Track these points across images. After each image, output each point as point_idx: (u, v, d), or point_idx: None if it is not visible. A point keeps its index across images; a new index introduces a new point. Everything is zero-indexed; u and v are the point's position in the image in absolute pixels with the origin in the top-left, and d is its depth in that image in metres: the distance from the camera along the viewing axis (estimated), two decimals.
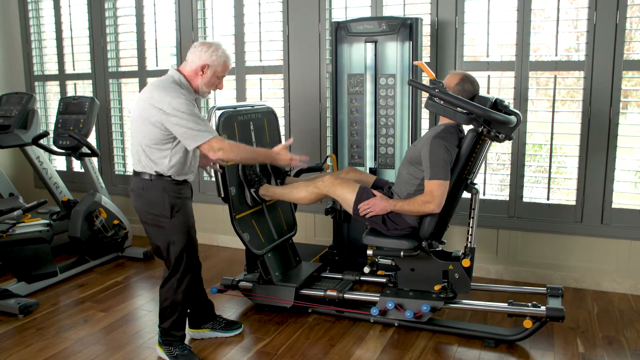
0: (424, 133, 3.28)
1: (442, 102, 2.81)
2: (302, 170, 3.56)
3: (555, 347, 2.85)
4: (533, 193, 3.73)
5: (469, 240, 2.89)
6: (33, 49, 5.23)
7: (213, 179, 3.29)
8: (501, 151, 3.80)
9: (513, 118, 2.76)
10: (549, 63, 3.56)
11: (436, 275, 2.94)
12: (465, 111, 2.77)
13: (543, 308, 2.80)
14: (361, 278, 3.38)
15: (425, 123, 3.75)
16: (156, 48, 4.66)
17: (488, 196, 3.77)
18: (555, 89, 3.56)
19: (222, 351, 2.86)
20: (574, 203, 3.58)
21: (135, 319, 3.27)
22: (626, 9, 3.30)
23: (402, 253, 2.90)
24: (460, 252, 2.97)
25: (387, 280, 3.25)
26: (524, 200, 3.70)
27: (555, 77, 3.55)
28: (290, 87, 4.19)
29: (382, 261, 3.15)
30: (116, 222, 4.21)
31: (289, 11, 4.10)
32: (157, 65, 4.68)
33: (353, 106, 3.69)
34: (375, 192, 2.91)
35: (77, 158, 4.14)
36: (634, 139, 3.52)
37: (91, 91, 4.98)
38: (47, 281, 3.71)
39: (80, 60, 5.05)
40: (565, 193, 3.74)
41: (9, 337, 3.04)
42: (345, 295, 3.15)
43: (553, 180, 3.65)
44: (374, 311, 2.99)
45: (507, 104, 2.85)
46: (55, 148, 4.17)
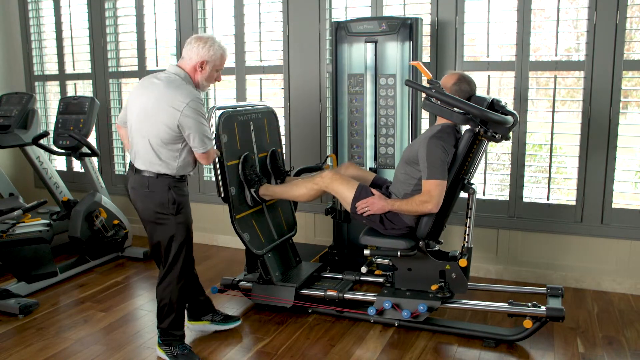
0: (422, 133, 3.28)
1: (439, 102, 2.81)
2: (303, 169, 3.57)
3: (555, 347, 2.85)
4: (533, 193, 3.73)
5: (466, 240, 2.90)
6: (33, 49, 5.23)
7: (213, 179, 3.29)
8: (501, 151, 3.80)
9: (509, 118, 2.76)
10: (549, 63, 3.56)
11: (433, 275, 2.94)
12: (462, 111, 2.76)
13: (543, 308, 2.81)
14: (361, 278, 3.38)
15: (425, 123, 3.74)
16: (156, 48, 4.66)
17: (488, 196, 3.77)
18: (555, 89, 3.56)
19: (222, 351, 2.86)
20: (574, 203, 3.58)
21: (135, 319, 3.27)
22: (626, 9, 3.30)
23: (399, 253, 2.90)
24: (457, 252, 2.97)
25: (385, 280, 3.26)
26: (524, 200, 3.69)
27: (555, 77, 3.55)
28: (290, 87, 4.19)
29: (380, 261, 3.16)
30: (116, 222, 4.21)
31: (289, 11, 4.10)
32: (157, 65, 4.67)
33: (353, 106, 3.69)
34: (373, 191, 2.91)
35: (77, 158, 4.13)
36: (634, 139, 3.52)
37: (91, 91, 4.98)
38: (47, 281, 3.71)
39: (80, 60, 5.05)
40: (565, 193, 3.74)
41: (9, 337, 3.04)
42: (345, 295, 3.15)
43: (553, 180, 3.65)
44: (371, 311, 2.99)
45: (504, 104, 2.86)
46: (55, 148, 4.17)
